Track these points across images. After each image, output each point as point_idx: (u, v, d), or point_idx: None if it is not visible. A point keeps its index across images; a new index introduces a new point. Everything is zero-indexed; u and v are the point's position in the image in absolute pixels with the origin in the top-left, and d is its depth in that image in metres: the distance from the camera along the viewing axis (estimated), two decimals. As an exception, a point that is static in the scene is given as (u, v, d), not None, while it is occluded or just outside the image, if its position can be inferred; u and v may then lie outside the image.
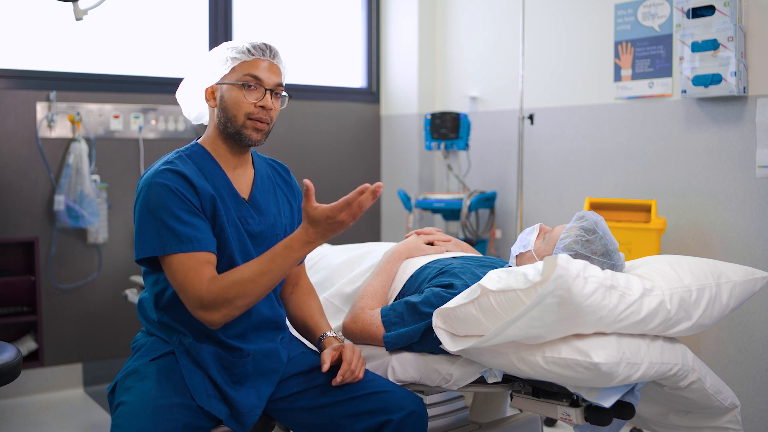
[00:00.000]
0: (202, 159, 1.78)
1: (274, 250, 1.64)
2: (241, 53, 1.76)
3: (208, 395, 1.70)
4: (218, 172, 1.78)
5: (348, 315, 1.97)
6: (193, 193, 1.68)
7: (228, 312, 1.63)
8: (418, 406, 1.75)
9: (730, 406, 1.77)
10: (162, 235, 1.63)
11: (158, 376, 1.67)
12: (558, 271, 1.46)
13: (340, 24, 4.44)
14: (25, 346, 3.36)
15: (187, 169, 1.71)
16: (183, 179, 1.67)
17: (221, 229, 1.71)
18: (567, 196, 3.48)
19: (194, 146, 1.81)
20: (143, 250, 1.65)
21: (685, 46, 2.85)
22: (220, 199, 1.74)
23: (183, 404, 1.65)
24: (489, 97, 3.92)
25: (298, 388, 1.79)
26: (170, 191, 1.65)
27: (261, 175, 1.88)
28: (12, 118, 3.39)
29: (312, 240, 1.61)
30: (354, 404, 1.73)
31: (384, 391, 1.75)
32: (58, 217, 3.43)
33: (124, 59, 3.70)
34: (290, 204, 1.92)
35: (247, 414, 1.73)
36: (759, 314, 2.77)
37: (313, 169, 4.23)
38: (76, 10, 3.01)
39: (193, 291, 1.62)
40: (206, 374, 1.72)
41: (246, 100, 1.76)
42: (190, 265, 1.63)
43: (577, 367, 1.54)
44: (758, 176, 2.70)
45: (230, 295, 1.61)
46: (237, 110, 1.76)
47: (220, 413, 1.70)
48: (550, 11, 3.55)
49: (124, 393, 1.66)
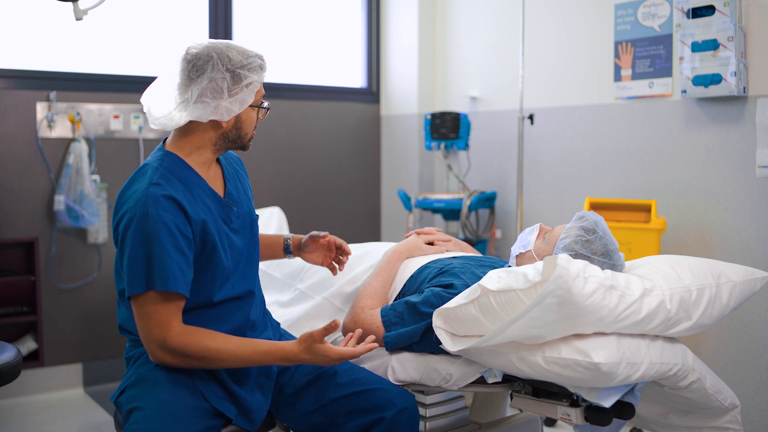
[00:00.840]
0: (181, 170, 1.71)
1: (258, 346, 1.64)
2: (255, 72, 1.71)
3: (217, 396, 1.71)
4: (197, 179, 1.73)
5: (348, 315, 1.97)
6: (186, 223, 1.64)
7: (181, 363, 1.63)
8: (409, 402, 1.77)
9: (730, 406, 1.78)
10: (150, 271, 1.58)
11: (170, 381, 1.67)
12: (558, 271, 1.46)
13: (340, 24, 4.44)
14: (25, 346, 3.36)
15: (177, 191, 1.65)
16: (177, 207, 1.63)
17: (213, 247, 1.70)
18: (567, 196, 3.48)
19: (167, 156, 1.71)
20: (138, 285, 1.59)
21: (685, 46, 2.85)
22: (209, 215, 1.71)
23: (199, 407, 1.66)
24: (489, 97, 3.92)
25: (294, 389, 1.82)
26: (165, 226, 1.59)
27: (226, 168, 1.87)
28: (12, 118, 3.39)
29: (295, 361, 1.64)
30: (348, 402, 1.76)
31: (375, 389, 1.77)
32: (58, 217, 3.43)
33: (124, 59, 3.70)
34: (246, 190, 1.93)
35: (257, 411, 1.76)
36: (759, 314, 2.77)
37: (313, 169, 4.23)
38: (76, 10, 3.01)
39: (159, 331, 1.60)
40: (213, 375, 1.73)
41: (257, 117, 1.79)
42: (170, 306, 1.61)
43: (577, 367, 1.54)
44: (758, 176, 2.70)
45: (195, 355, 1.61)
46: (250, 128, 1.77)
47: (230, 412, 1.72)
48: (550, 11, 3.55)
49: (137, 399, 1.65)
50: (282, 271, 2.41)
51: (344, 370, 1.82)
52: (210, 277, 1.71)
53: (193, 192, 1.69)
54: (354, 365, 1.87)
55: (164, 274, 1.58)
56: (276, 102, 4.08)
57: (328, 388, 1.79)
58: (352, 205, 4.35)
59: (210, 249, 1.69)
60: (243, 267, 1.81)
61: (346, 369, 1.83)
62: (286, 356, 1.63)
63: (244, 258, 1.81)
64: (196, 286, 1.69)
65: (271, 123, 4.06)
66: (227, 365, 1.64)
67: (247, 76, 1.69)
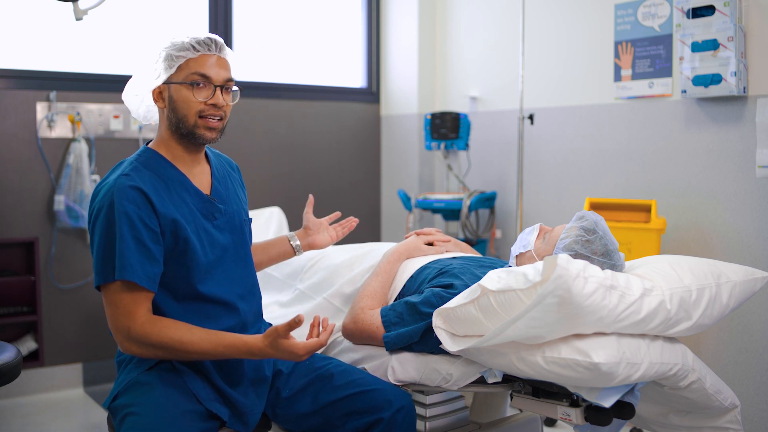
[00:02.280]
0: (159, 165, 1.73)
1: (222, 339, 1.62)
2: (185, 50, 1.71)
3: (210, 398, 1.71)
4: (177, 175, 1.74)
5: (348, 315, 1.97)
6: (152, 215, 1.64)
7: (146, 353, 1.63)
8: (405, 401, 1.77)
9: (730, 406, 1.77)
10: (111, 260, 1.61)
11: (163, 385, 1.67)
12: (558, 271, 1.46)
13: (340, 24, 4.44)
14: (25, 346, 3.36)
15: (146, 183, 1.66)
16: (144, 198, 1.64)
17: (186, 241, 1.69)
18: (567, 196, 3.48)
19: (146, 152, 1.75)
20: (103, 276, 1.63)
21: (685, 46, 2.85)
22: (184, 209, 1.71)
23: (193, 410, 1.66)
24: (489, 97, 3.92)
25: (291, 391, 1.82)
26: (130, 219, 1.61)
27: (217, 168, 1.87)
28: (12, 118, 3.39)
29: (260, 355, 1.61)
30: (345, 404, 1.76)
31: (372, 390, 1.77)
32: (58, 217, 3.43)
33: (124, 59, 3.70)
34: (241, 191, 1.94)
35: (251, 413, 1.75)
36: (759, 314, 2.77)
37: (313, 169, 4.23)
38: (76, 10, 3.01)
39: (125, 320, 1.61)
40: (206, 378, 1.72)
41: (195, 99, 1.71)
42: (129, 296, 1.61)
43: (577, 367, 1.54)
44: (758, 176, 2.70)
45: (158, 345, 1.60)
46: (187, 110, 1.71)
47: (224, 414, 1.71)
48: (550, 11, 3.55)
49: (131, 405, 1.65)
50: (282, 271, 2.41)
51: (340, 372, 1.82)
52: (185, 271, 1.70)
53: (169, 186, 1.71)
54: (350, 367, 1.86)
55: (122, 263, 1.60)
56: (276, 102, 4.08)
57: (325, 390, 1.78)
58: (352, 205, 4.35)
59: (183, 243, 1.68)
60: (229, 265, 1.79)
61: (342, 371, 1.82)
62: (251, 350, 1.61)
63: (230, 256, 1.80)
64: (174, 279, 1.69)
65: (271, 123, 4.06)
66: (192, 357, 1.63)
67: (174, 53, 1.71)
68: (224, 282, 1.77)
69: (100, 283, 1.64)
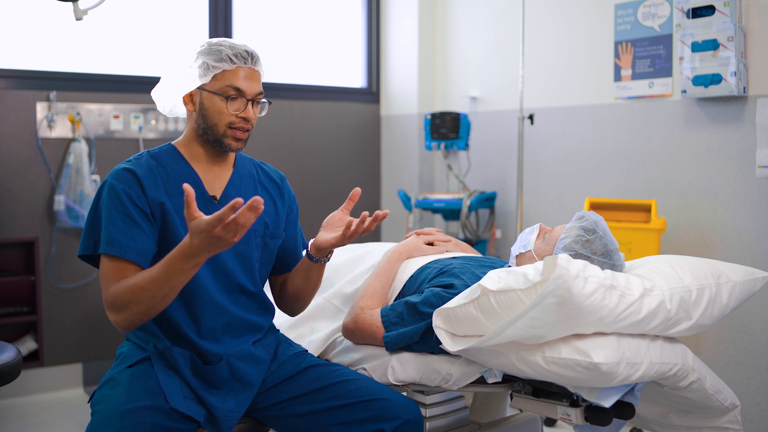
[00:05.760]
0: (170, 158, 1.78)
1: (164, 259, 1.57)
2: (222, 62, 1.72)
3: (185, 397, 1.68)
4: (185, 170, 1.77)
5: (348, 315, 1.97)
6: (141, 195, 1.69)
7: (128, 317, 1.60)
8: (413, 414, 1.73)
9: (730, 406, 1.78)
10: (104, 233, 1.66)
11: (130, 382, 1.66)
12: (558, 271, 1.46)
13: (340, 24, 4.44)
14: (25, 346, 3.36)
15: (142, 168, 1.72)
16: (135, 180, 1.69)
17: (173, 232, 1.70)
18: (567, 196, 3.48)
19: (164, 146, 1.81)
20: (84, 247, 1.70)
21: (685, 46, 2.85)
22: (175, 201, 1.72)
23: (154, 406, 1.62)
24: (489, 97, 3.92)
25: (291, 394, 1.79)
26: (117, 195, 1.67)
27: (240, 174, 1.86)
28: (12, 118, 3.39)
29: (194, 253, 1.50)
30: (347, 412, 1.72)
31: (379, 399, 1.73)
32: (58, 217, 3.43)
33: (124, 59, 3.70)
34: (274, 202, 1.90)
35: (224, 418, 1.71)
36: (759, 314, 2.77)
37: (313, 169, 4.23)
38: (76, 10, 3.01)
39: (104, 291, 1.64)
40: (182, 378, 1.71)
41: (227, 111, 1.73)
42: (111, 267, 1.64)
43: (577, 367, 1.54)
44: (758, 176, 2.70)
45: (125, 299, 1.59)
46: (218, 120, 1.74)
47: (198, 415, 1.68)
48: (550, 11, 3.55)
49: (98, 402, 1.66)
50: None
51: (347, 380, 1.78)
52: None
53: (171, 177, 1.75)
54: (358, 375, 1.82)
55: (107, 236, 1.65)
56: (276, 102, 4.08)
57: (328, 395, 1.75)
58: (352, 205, 4.34)
59: (172, 229, 1.71)
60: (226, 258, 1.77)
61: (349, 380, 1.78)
62: (183, 250, 1.52)
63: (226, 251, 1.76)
64: None
65: (271, 123, 4.06)
66: (157, 294, 1.56)
67: (211, 63, 1.72)
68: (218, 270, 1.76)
69: (79, 254, 1.71)
